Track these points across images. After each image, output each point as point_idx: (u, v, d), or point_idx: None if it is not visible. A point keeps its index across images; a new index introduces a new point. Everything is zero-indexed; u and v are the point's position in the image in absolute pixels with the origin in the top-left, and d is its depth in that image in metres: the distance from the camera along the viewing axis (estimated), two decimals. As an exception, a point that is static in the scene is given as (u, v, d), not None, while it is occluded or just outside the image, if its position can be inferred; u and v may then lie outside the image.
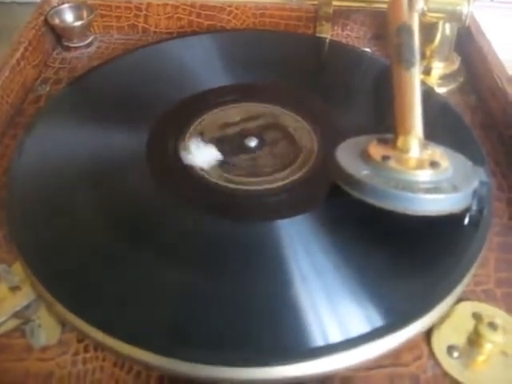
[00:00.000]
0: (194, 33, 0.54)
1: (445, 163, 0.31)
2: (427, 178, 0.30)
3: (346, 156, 0.33)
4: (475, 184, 0.30)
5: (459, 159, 0.33)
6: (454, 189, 0.30)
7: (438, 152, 0.32)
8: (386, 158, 0.31)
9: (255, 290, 0.30)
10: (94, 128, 0.40)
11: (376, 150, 0.32)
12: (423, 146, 0.32)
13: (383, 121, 0.35)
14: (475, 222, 0.32)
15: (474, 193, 0.30)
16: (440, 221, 0.29)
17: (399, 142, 0.33)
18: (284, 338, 0.28)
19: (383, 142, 0.33)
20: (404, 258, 0.31)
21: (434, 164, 0.31)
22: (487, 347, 0.28)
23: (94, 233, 0.33)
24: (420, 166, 0.31)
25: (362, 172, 0.31)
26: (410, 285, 0.30)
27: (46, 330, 0.30)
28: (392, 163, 0.31)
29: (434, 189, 0.30)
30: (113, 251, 0.32)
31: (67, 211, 0.34)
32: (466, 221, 0.32)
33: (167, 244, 0.32)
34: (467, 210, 0.31)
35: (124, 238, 0.33)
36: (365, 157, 0.32)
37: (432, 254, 0.32)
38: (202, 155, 0.37)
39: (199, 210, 0.34)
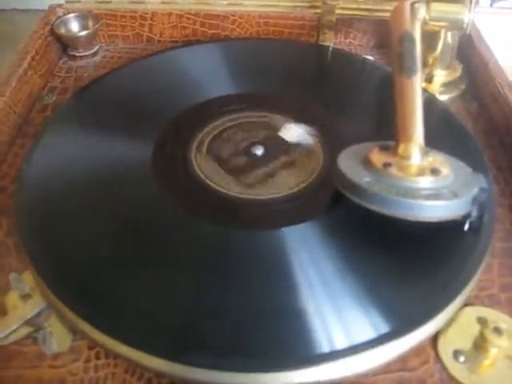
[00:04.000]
0: (199, 42, 0.54)
1: (445, 170, 0.32)
2: (428, 184, 0.31)
3: (347, 163, 0.33)
4: (475, 191, 0.31)
5: (460, 166, 0.34)
6: (454, 195, 0.30)
7: (438, 159, 0.33)
8: (387, 165, 0.32)
9: (261, 297, 0.30)
10: (101, 137, 0.40)
11: (377, 157, 0.33)
12: (424, 153, 0.33)
13: (385, 128, 0.35)
14: (475, 229, 0.32)
15: (474, 199, 0.31)
16: (444, 227, 0.30)
17: (400, 149, 0.33)
18: (291, 345, 0.28)
19: (385, 149, 0.34)
20: (409, 264, 0.32)
21: (434, 171, 0.31)
22: (493, 351, 0.28)
23: (104, 241, 0.33)
24: (421, 172, 0.32)
25: (363, 179, 0.31)
26: (416, 291, 0.31)
27: (58, 337, 0.30)
28: (393, 170, 0.32)
29: (435, 195, 0.30)
30: (123, 259, 0.32)
31: (77, 219, 0.34)
32: (466, 227, 0.32)
33: (174, 254, 0.32)
34: (468, 216, 0.31)
35: (135, 246, 0.33)
36: (366, 164, 0.33)
37: (436, 260, 0.32)
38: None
39: (205, 218, 0.34)
